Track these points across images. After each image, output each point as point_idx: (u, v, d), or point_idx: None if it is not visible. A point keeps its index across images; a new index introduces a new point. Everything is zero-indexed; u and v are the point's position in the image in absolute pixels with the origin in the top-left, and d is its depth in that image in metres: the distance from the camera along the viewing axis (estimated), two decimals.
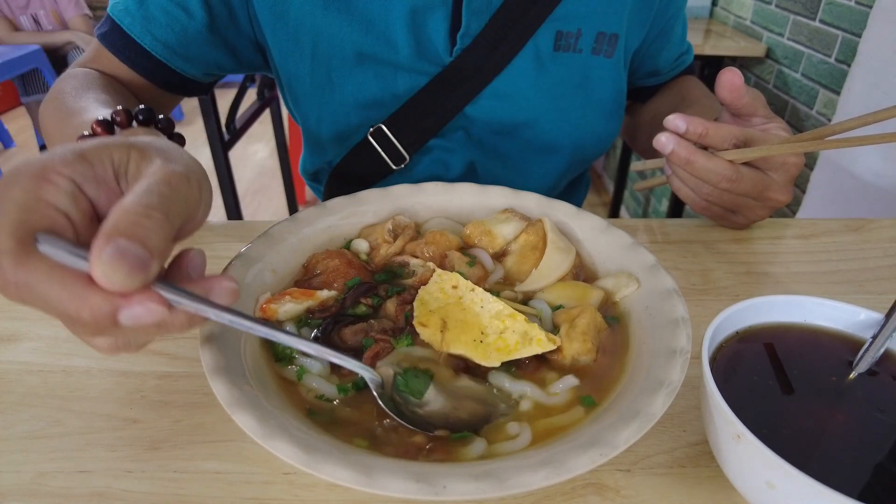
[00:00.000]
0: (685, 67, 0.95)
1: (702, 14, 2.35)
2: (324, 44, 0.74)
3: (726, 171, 0.60)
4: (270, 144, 3.79)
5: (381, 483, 0.34)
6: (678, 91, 0.93)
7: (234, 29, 0.76)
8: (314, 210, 0.62)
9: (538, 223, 0.61)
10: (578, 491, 0.42)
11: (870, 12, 1.45)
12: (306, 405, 0.44)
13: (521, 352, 0.47)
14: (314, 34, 0.74)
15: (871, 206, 1.48)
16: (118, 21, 0.72)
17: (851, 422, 0.39)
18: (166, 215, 0.30)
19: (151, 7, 0.71)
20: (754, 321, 0.46)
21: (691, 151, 0.60)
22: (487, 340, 0.48)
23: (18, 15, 3.30)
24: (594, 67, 0.79)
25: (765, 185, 0.63)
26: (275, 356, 0.48)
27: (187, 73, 0.77)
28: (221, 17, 0.74)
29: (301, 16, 0.73)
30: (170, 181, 0.32)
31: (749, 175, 0.61)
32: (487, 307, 0.51)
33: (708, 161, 0.60)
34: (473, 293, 0.52)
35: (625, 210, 3.12)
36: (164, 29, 0.72)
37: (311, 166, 0.92)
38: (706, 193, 0.63)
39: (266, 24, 0.75)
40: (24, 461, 0.44)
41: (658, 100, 0.95)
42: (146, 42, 0.72)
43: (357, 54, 0.75)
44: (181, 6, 0.71)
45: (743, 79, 0.62)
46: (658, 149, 0.62)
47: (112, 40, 0.73)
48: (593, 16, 0.76)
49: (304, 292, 0.53)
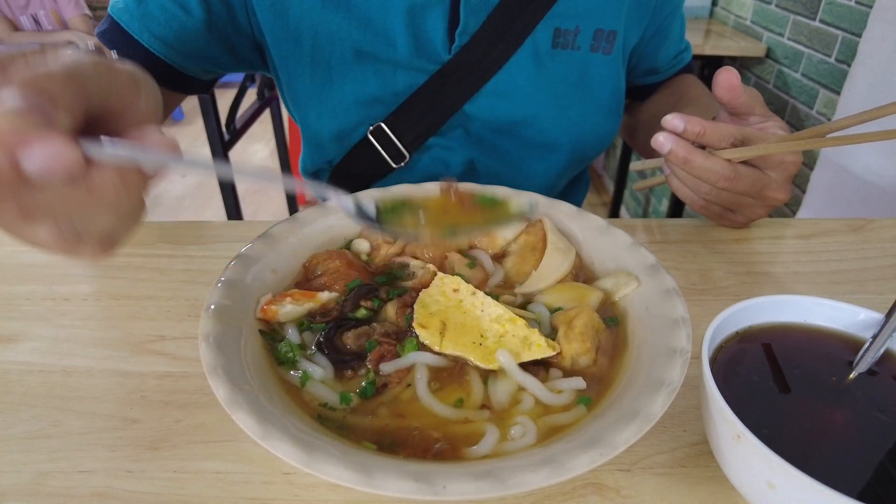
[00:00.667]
0: (684, 66, 0.95)
1: (702, 14, 2.35)
2: (323, 42, 0.74)
3: (724, 171, 0.60)
4: (270, 144, 3.79)
5: (381, 483, 0.35)
6: (677, 90, 0.93)
7: (233, 26, 0.76)
8: (314, 210, 0.62)
9: (538, 224, 0.61)
10: (578, 491, 0.42)
11: (870, 12, 1.45)
12: (314, 412, 0.44)
13: (521, 356, 0.47)
14: (313, 32, 0.74)
15: (871, 206, 1.48)
16: (117, 19, 0.73)
17: (851, 422, 0.39)
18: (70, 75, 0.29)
19: (150, 5, 0.72)
20: (754, 321, 0.46)
21: (689, 151, 0.60)
22: (487, 343, 0.48)
23: (18, 15, 3.30)
24: (593, 64, 0.79)
25: (763, 184, 0.63)
26: (277, 360, 0.48)
27: (185, 70, 0.77)
28: (220, 15, 0.74)
29: (300, 14, 0.73)
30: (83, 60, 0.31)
31: (747, 174, 0.61)
32: (488, 311, 0.51)
33: (706, 160, 0.60)
34: (474, 297, 0.52)
35: (625, 210, 3.12)
36: (162, 26, 0.72)
37: (311, 166, 0.92)
38: (705, 192, 0.63)
39: (265, 22, 0.75)
40: (24, 461, 0.44)
41: (657, 98, 0.95)
42: (144, 38, 0.73)
43: (356, 52, 0.75)
44: (179, 4, 0.72)
45: (740, 78, 0.62)
46: (656, 148, 0.62)
47: (111, 37, 0.74)
48: (591, 12, 0.76)
49: (304, 294, 0.53)
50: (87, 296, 0.61)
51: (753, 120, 0.65)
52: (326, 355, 0.48)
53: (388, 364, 0.47)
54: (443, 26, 0.74)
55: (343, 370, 0.47)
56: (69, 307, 0.60)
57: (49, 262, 0.66)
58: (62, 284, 0.63)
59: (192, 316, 0.59)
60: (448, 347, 0.48)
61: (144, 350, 0.55)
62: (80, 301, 0.61)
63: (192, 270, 0.65)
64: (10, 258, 0.67)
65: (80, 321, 0.58)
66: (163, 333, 0.57)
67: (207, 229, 0.74)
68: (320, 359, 0.48)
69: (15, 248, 0.68)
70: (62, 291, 0.62)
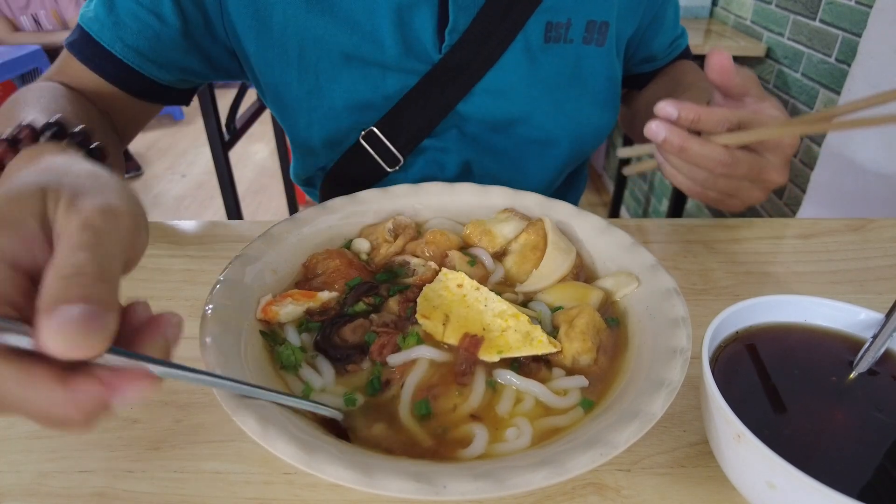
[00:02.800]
0: (680, 52, 0.94)
1: (702, 14, 2.35)
2: (310, 47, 0.73)
3: (722, 157, 0.58)
4: (270, 144, 3.80)
5: (381, 483, 0.34)
6: (673, 76, 0.91)
7: (209, 35, 0.74)
8: (314, 210, 0.62)
9: (538, 223, 0.61)
10: (578, 491, 0.42)
11: (870, 12, 1.45)
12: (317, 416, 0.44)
13: (522, 350, 0.47)
14: (299, 38, 0.72)
15: (871, 206, 1.48)
16: (87, 29, 0.70)
17: (852, 422, 0.39)
18: (100, 264, 0.27)
19: (121, 13, 0.69)
20: (754, 321, 0.46)
21: (684, 138, 0.58)
22: (489, 337, 0.48)
23: (18, 15, 3.30)
24: (586, 57, 0.78)
25: (761, 167, 0.61)
26: (280, 364, 0.48)
27: (161, 80, 0.75)
28: (196, 24, 0.72)
29: (285, 21, 0.71)
30: (94, 225, 0.29)
31: (745, 158, 0.59)
32: (491, 306, 0.51)
33: (702, 147, 0.58)
34: (478, 292, 0.52)
35: (625, 210, 3.12)
36: (136, 35, 0.70)
37: (303, 173, 0.91)
38: (702, 179, 0.61)
39: (246, 32, 0.73)
40: (24, 461, 0.44)
41: (653, 86, 0.93)
42: (117, 49, 0.70)
43: (344, 56, 0.73)
44: (153, 12, 0.69)
45: (731, 59, 0.60)
46: (649, 137, 0.60)
47: (80, 48, 0.71)
48: (582, 4, 0.75)
49: (305, 294, 0.53)
50: None
51: (748, 101, 0.63)
52: (326, 354, 0.48)
53: (397, 356, 0.47)
54: (432, 25, 0.72)
55: (344, 365, 0.47)
56: None
57: None
58: None
59: (192, 316, 0.59)
60: (450, 338, 0.48)
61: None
62: None
63: (192, 270, 0.65)
64: None
65: None
66: None
67: (207, 229, 0.74)
68: (321, 362, 0.48)
69: None
70: None
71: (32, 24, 3.34)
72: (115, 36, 0.69)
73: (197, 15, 0.71)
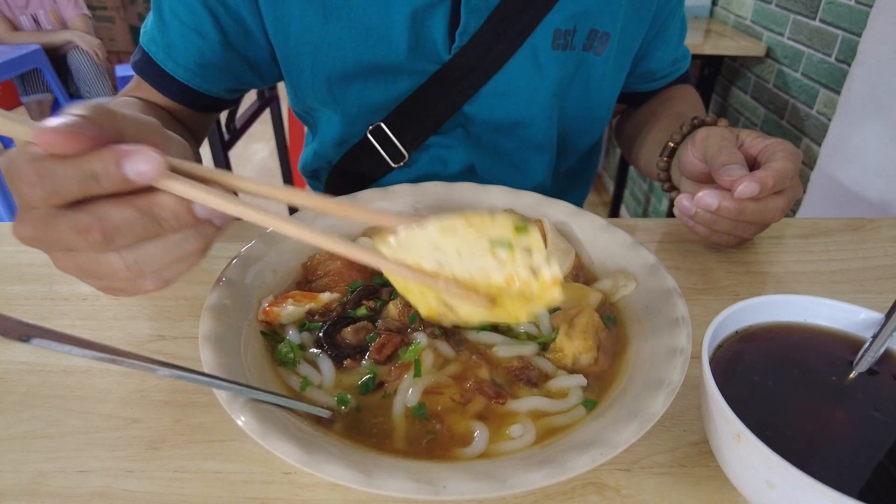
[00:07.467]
0: (680, 75, 0.95)
1: (702, 14, 2.35)
2: (323, 56, 0.74)
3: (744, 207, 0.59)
4: (270, 144, 3.79)
5: (381, 483, 0.35)
6: (666, 99, 0.92)
7: (251, 44, 0.76)
8: (314, 210, 0.62)
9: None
10: (578, 491, 0.42)
11: (870, 12, 1.45)
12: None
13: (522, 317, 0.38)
14: (314, 47, 0.74)
15: (871, 206, 1.48)
16: (146, 50, 0.75)
17: (851, 421, 0.39)
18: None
19: (172, 34, 0.73)
20: (754, 321, 0.46)
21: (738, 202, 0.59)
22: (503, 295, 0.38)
23: (18, 15, 3.30)
24: (584, 64, 0.80)
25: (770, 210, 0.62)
26: (277, 361, 0.48)
27: (211, 94, 0.79)
28: (235, 35, 0.74)
29: (302, 29, 0.73)
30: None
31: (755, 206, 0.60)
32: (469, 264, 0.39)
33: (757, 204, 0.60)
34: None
35: (625, 210, 3.12)
36: (184, 53, 0.74)
37: (312, 165, 0.93)
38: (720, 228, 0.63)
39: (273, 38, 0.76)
40: (24, 461, 0.44)
41: (645, 106, 0.95)
42: (169, 67, 0.74)
43: (358, 62, 0.75)
44: (195, 30, 0.72)
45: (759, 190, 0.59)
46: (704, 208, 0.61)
47: (142, 68, 0.76)
48: (589, 13, 0.76)
49: (306, 295, 0.53)
50: (87, 296, 0.61)
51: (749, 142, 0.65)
52: (325, 350, 0.48)
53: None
54: (444, 26, 0.74)
55: (342, 359, 0.48)
56: (69, 307, 0.60)
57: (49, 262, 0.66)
58: (62, 284, 0.63)
59: (192, 316, 0.59)
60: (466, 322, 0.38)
61: (144, 350, 0.55)
62: (79, 301, 0.61)
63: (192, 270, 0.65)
64: (10, 258, 0.67)
65: (79, 321, 0.58)
66: (163, 333, 0.57)
67: None
68: (320, 360, 0.48)
69: (15, 248, 0.68)
70: (62, 291, 0.62)
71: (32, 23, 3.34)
72: (167, 56, 0.74)
73: (234, 26, 0.74)
